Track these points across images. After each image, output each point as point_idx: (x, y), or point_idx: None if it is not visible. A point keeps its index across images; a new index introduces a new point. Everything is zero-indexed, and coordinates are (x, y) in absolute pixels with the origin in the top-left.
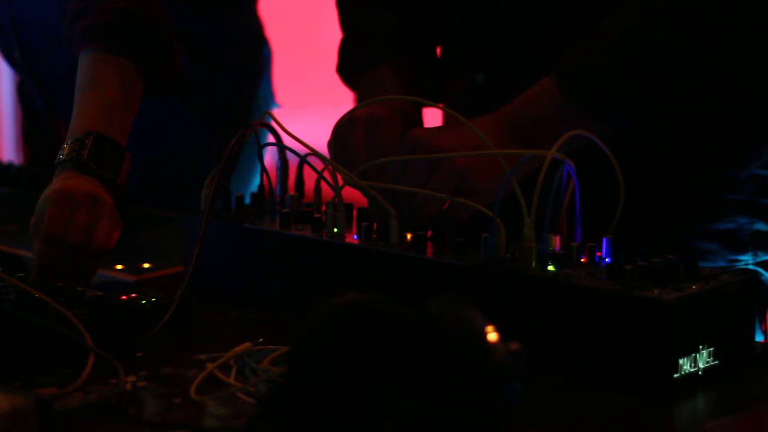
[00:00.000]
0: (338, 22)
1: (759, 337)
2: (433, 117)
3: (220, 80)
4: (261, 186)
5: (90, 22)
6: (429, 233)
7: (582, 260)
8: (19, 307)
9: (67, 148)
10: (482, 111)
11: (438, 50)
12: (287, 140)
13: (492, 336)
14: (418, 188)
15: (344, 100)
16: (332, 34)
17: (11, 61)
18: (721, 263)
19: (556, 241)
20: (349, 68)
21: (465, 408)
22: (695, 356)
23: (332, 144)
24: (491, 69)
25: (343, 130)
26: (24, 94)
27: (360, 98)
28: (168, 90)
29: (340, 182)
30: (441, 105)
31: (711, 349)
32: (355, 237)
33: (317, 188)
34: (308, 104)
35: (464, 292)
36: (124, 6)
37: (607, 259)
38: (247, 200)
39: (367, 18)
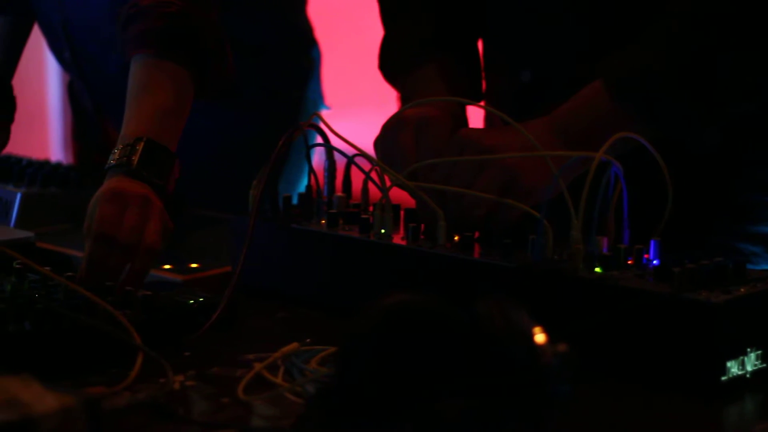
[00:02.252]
0: (380, 20)
1: None
2: (475, 116)
3: (269, 82)
4: (309, 187)
5: (143, 27)
6: (476, 235)
7: (629, 262)
8: (67, 306)
9: (117, 153)
10: (524, 109)
11: (480, 48)
12: (335, 141)
13: (540, 337)
14: (466, 189)
15: (392, 101)
16: (380, 35)
17: (62, 62)
18: (766, 266)
19: (604, 243)
20: (391, 66)
21: (513, 410)
22: (743, 359)
23: (380, 144)
24: (533, 67)
25: (391, 131)
26: (74, 95)
27: (403, 96)
28: (219, 95)
29: (388, 183)
30: (487, 105)
31: (759, 351)
32: (403, 238)
33: (365, 189)
34: (356, 105)
35: (512, 293)
36: (177, 11)
37: (654, 262)
38: (295, 201)
39: (409, 15)
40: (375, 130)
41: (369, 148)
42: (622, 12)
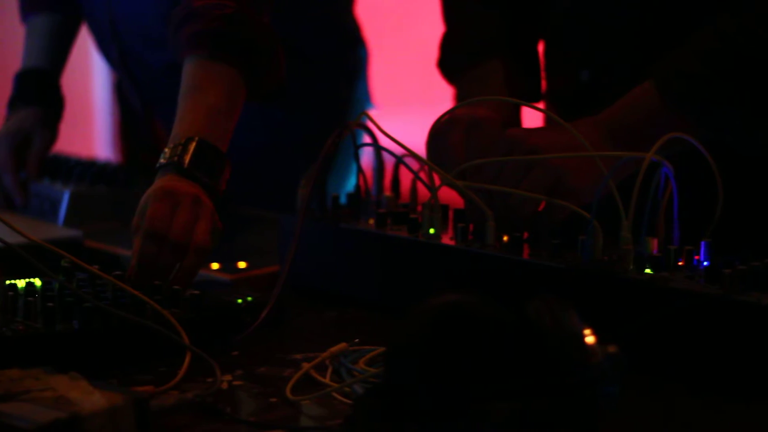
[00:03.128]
0: (441, 17)
1: None
2: (534, 118)
3: (317, 81)
4: (357, 186)
5: (195, 28)
6: (525, 235)
7: (679, 263)
8: (116, 305)
9: (168, 152)
10: (584, 110)
11: (541, 48)
12: (383, 141)
13: (589, 338)
14: (513, 189)
15: (440, 101)
16: (428, 34)
17: (110, 61)
18: None
19: (654, 245)
20: (450, 64)
21: (562, 410)
22: None
23: (431, 144)
24: (592, 68)
25: (441, 130)
26: (122, 94)
27: (459, 95)
28: (270, 97)
29: (437, 183)
30: (539, 105)
31: None
32: (451, 238)
33: (413, 189)
34: (404, 105)
35: (561, 294)
36: (230, 13)
37: (705, 263)
38: (343, 200)
39: (471, 13)
40: (423, 130)
41: (417, 147)
42: (680, 13)
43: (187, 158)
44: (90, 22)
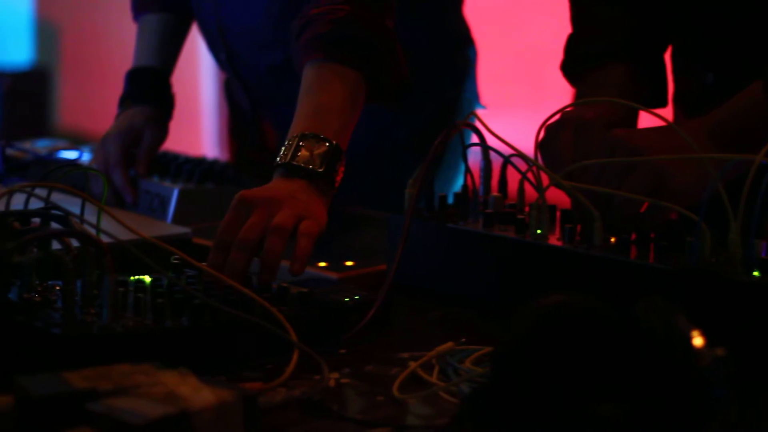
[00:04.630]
0: (569, 19)
1: None
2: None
3: (426, 82)
4: (464, 186)
5: (312, 33)
6: (633, 236)
7: None
8: (225, 302)
9: (280, 154)
10: (710, 112)
11: (667, 52)
12: (491, 141)
13: (697, 341)
14: (617, 190)
15: (548, 101)
16: (537, 35)
17: (219, 62)
18: None
19: (763, 247)
20: (574, 65)
21: (670, 413)
22: None
23: (542, 144)
24: (718, 69)
25: (551, 132)
26: (230, 93)
27: (578, 97)
28: (393, 98)
29: (545, 183)
30: (650, 109)
31: None
32: (559, 239)
33: (521, 189)
34: (513, 105)
35: (669, 296)
36: (344, 16)
37: None
38: (451, 200)
39: (596, 16)
40: (531, 130)
41: (525, 147)
42: None
43: (290, 154)
44: (200, 24)
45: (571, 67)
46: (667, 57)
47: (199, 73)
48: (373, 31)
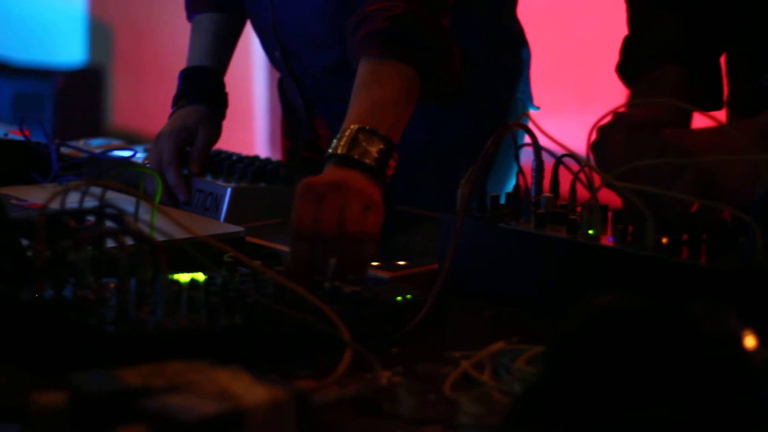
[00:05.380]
0: (626, 21)
1: None
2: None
3: (479, 82)
4: (516, 186)
5: (368, 30)
6: (685, 237)
7: None
8: (278, 300)
9: (332, 145)
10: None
11: (722, 56)
12: (544, 141)
13: (750, 341)
14: (666, 190)
15: (600, 103)
16: (589, 36)
17: (273, 61)
18: None
19: None
20: (630, 67)
21: (722, 413)
22: None
23: (594, 145)
24: None
25: (604, 132)
26: (283, 92)
27: (632, 98)
28: (447, 96)
29: (596, 184)
30: (703, 110)
31: None
32: (610, 239)
33: (572, 189)
34: (564, 106)
35: (721, 297)
36: (401, 13)
37: None
38: (503, 200)
39: (656, 18)
40: (583, 131)
41: (577, 148)
42: None
43: (341, 145)
44: (254, 22)
45: (627, 69)
46: (722, 59)
47: (251, 72)
48: (429, 29)
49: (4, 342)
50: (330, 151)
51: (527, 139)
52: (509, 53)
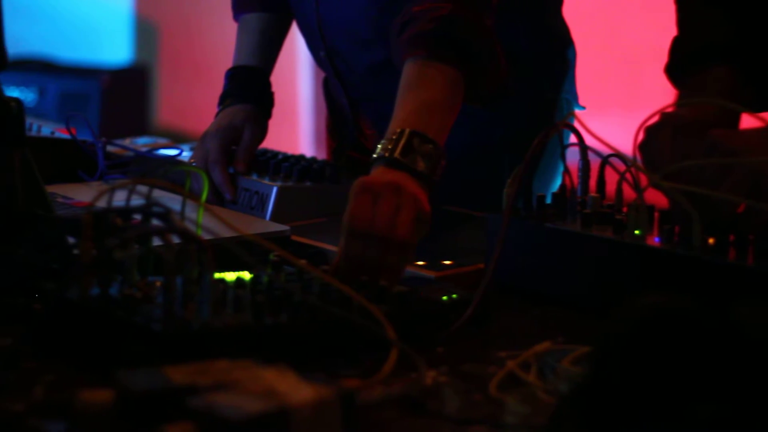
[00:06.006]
0: (675, 22)
1: None
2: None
3: (525, 82)
4: (562, 186)
5: (413, 31)
6: (732, 237)
7: None
8: (324, 299)
9: (380, 147)
10: None
11: None
12: (590, 141)
13: None
14: (714, 190)
15: (646, 102)
16: (635, 36)
17: (318, 61)
18: None
19: None
20: (679, 67)
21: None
22: None
23: (642, 145)
24: None
25: (651, 132)
26: (328, 91)
27: (680, 99)
28: (491, 99)
29: (643, 184)
30: (751, 111)
31: None
32: (657, 239)
33: (619, 189)
34: (610, 106)
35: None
36: (445, 14)
37: None
38: (549, 200)
39: (705, 18)
40: (629, 130)
41: (623, 148)
42: None
43: (394, 149)
44: (300, 22)
45: (675, 70)
46: None
47: (296, 72)
48: (475, 30)
49: (51, 339)
50: (380, 152)
51: (573, 139)
52: (555, 54)
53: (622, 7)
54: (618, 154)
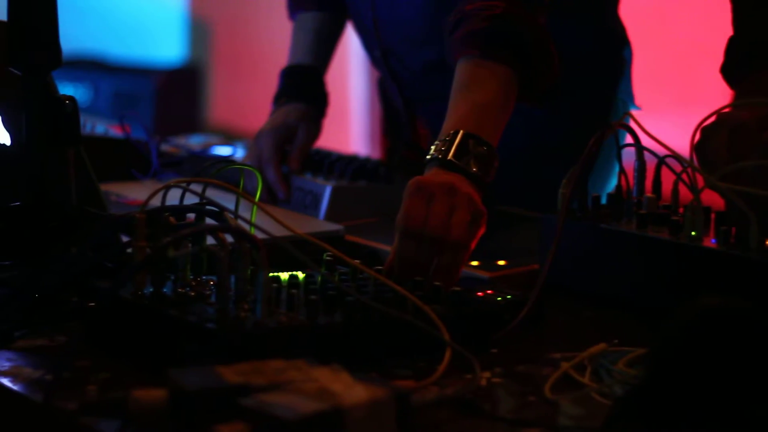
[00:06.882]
0: (731, 21)
1: None
2: None
3: (581, 82)
4: (618, 187)
5: (467, 29)
6: None
7: None
8: (378, 299)
9: (433, 149)
10: None
11: None
12: (646, 141)
13: None
14: None
15: (702, 103)
16: (692, 36)
17: (373, 60)
18: None
19: None
20: (734, 68)
21: None
22: None
23: (698, 146)
24: None
25: (707, 133)
26: (383, 91)
27: (736, 99)
28: (545, 98)
29: (700, 185)
30: None
31: None
32: (713, 241)
33: (675, 190)
34: (667, 106)
35: None
36: (501, 13)
37: None
38: (604, 201)
39: (760, 18)
40: (686, 131)
41: (680, 148)
42: None
43: (448, 150)
44: (355, 22)
45: (731, 70)
46: None
47: (350, 72)
48: (528, 29)
49: (105, 338)
50: (434, 153)
51: (629, 139)
52: (611, 53)
53: (679, 7)
54: (675, 155)
